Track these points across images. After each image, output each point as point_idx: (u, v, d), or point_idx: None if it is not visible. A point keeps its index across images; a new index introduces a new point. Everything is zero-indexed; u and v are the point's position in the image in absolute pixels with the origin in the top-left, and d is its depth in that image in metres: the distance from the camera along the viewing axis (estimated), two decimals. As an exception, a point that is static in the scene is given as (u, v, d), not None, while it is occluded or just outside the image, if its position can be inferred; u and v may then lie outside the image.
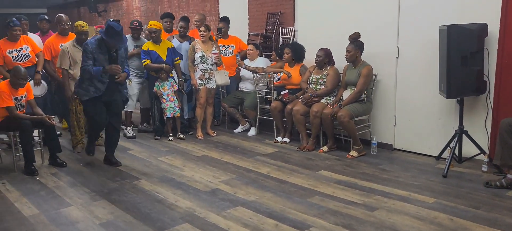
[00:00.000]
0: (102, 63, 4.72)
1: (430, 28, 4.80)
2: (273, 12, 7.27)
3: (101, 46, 4.71)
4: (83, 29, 5.46)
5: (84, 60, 4.74)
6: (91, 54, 4.68)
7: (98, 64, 4.70)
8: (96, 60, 4.71)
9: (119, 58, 4.84)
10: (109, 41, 4.64)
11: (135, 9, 11.79)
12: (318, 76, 5.55)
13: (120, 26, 4.67)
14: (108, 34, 4.61)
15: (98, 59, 4.72)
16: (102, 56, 4.73)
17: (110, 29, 4.59)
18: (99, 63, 4.70)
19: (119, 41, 4.72)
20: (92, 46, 4.68)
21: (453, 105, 4.78)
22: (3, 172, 4.90)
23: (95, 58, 4.70)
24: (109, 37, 4.62)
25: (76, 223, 3.54)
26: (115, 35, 4.61)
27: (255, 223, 3.46)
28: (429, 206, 3.70)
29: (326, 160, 5.07)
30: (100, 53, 4.71)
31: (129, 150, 5.72)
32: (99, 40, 4.72)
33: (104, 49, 4.73)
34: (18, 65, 4.95)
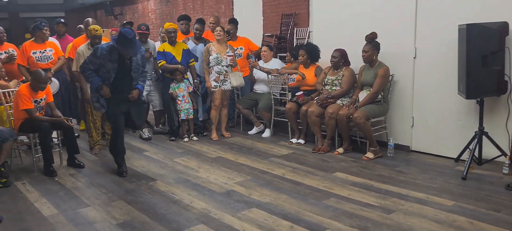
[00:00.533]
0: (110, 72, 4.48)
1: (448, 27, 4.73)
2: (288, 13, 7.26)
3: (113, 53, 4.44)
4: (96, 33, 5.51)
5: (87, 61, 4.54)
6: (97, 59, 4.45)
7: (105, 70, 4.48)
8: (103, 67, 4.47)
9: (134, 67, 4.61)
10: (121, 50, 4.39)
11: (151, 12, 11.89)
12: (333, 77, 5.51)
13: (133, 32, 4.40)
14: (119, 41, 4.35)
15: (105, 67, 4.47)
16: (110, 64, 4.46)
17: (121, 36, 4.32)
18: (105, 70, 4.47)
19: (130, 49, 4.42)
20: (102, 53, 4.43)
21: (472, 106, 4.69)
22: (23, 172, 4.99)
23: (101, 65, 4.46)
24: (120, 45, 4.35)
25: (93, 223, 3.58)
26: (126, 43, 4.33)
27: (270, 225, 3.44)
28: (447, 209, 3.64)
29: (342, 162, 5.03)
30: (109, 61, 4.45)
31: (145, 151, 5.76)
32: (111, 47, 4.46)
33: (115, 57, 4.46)
34: (38, 69, 5.03)
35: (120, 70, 4.53)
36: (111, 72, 4.50)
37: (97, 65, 4.47)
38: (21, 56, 5.74)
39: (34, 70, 4.99)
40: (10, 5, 16.21)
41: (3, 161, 4.66)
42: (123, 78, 4.61)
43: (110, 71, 4.49)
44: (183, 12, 10.25)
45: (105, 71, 4.49)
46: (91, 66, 4.48)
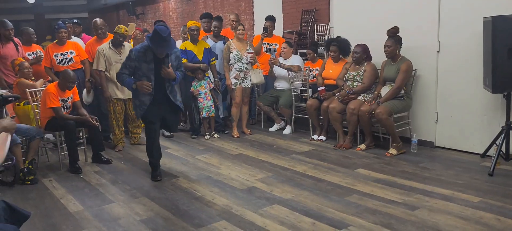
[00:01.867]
0: (146, 73, 4.31)
1: (473, 20, 4.63)
2: (308, 9, 7.21)
3: (147, 54, 4.27)
4: (120, 31, 5.61)
5: (122, 67, 4.42)
6: (132, 62, 4.31)
7: (141, 73, 4.32)
8: (138, 69, 4.32)
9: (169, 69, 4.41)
10: (155, 49, 4.20)
11: (172, 11, 11.99)
12: (354, 73, 5.46)
13: (168, 30, 4.20)
14: (154, 40, 4.15)
15: (141, 69, 4.31)
16: (145, 65, 4.29)
17: (156, 34, 4.13)
18: (142, 72, 4.31)
19: (166, 48, 4.23)
20: (136, 54, 4.28)
21: (499, 100, 4.58)
22: (49, 170, 5.11)
23: (136, 67, 4.32)
24: (155, 44, 4.16)
25: (118, 219, 3.64)
26: (162, 41, 4.14)
27: (292, 221, 3.44)
28: (474, 206, 3.56)
29: (364, 158, 4.98)
30: (144, 61, 4.28)
31: (167, 149, 5.82)
32: (145, 48, 4.29)
33: (149, 57, 4.28)
34: (67, 69, 5.15)
35: (157, 72, 4.34)
36: (149, 74, 4.31)
37: (132, 68, 4.33)
38: (46, 58, 5.88)
39: (63, 70, 5.11)
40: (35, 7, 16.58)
41: (31, 159, 4.78)
42: (159, 80, 4.41)
43: (148, 73, 4.31)
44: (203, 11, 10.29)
45: (142, 75, 4.33)
46: (125, 70, 4.36)
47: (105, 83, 5.65)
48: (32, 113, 5.25)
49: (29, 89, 5.19)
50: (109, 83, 5.66)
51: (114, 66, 5.61)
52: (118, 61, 5.63)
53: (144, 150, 5.75)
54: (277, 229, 3.32)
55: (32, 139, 4.79)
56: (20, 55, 5.84)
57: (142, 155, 5.55)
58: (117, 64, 5.63)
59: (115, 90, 5.67)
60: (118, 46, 5.69)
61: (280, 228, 3.33)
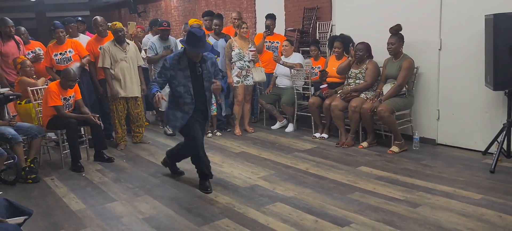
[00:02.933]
0: (182, 81, 4.07)
1: (474, 17, 4.62)
2: (310, 7, 7.21)
3: (182, 61, 4.07)
4: (116, 27, 5.63)
5: (157, 75, 4.23)
6: (168, 71, 4.06)
7: (177, 82, 4.08)
8: (174, 78, 4.08)
9: (205, 75, 4.16)
10: (191, 50, 3.99)
11: (173, 9, 11.99)
12: (357, 70, 5.46)
13: (202, 31, 4.05)
14: (189, 42, 3.97)
15: (177, 77, 4.07)
16: (181, 73, 4.06)
17: (191, 36, 3.96)
18: (177, 81, 4.08)
19: (202, 48, 4.02)
20: (170, 62, 4.07)
21: (500, 97, 4.58)
22: (51, 168, 5.12)
23: (172, 76, 4.07)
24: (190, 46, 3.97)
25: (120, 218, 3.65)
26: (197, 41, 3.96)
27: (295, 219, 3.45)
28: (475, 203, 3.57)
29: (366, 156, 4.98)
30: (179, 69, 4.06)
31: (170, 147, 5.82)
32: (179, 55, 4.10)
33: (184, 65, 4.06)
34: (68, 68, 5.15)
35: (194, 79, 4.12)
36: (185, 81, 4.08)
37: (168, 77, 4.09)
38: (46, 57, 5.87)
39: (64, 69, 5.11)
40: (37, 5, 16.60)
41: (33, 157, 4.79)
42: (196, 88, 4.16)
43: (184, 81, 4.08)
44: (205, 9, 10.30)
45: (178, 84, 4.09)
46: (160, 79, 4.12)
47: (111, 81, 5.65)
48: (33, 111, 5.26)
49: (31, 87, 5.19)
50: (114, 81, 5.66)
51: (119, 64, 5.61)
52: (123, 58, 5.63)
53: (146, 148, 5.80)
54: (279, 226, 3.33)
55: (34, 137, 4.80)
56: (22, 53, 5.84)
57: (144, 153, 5.56)
58: (122, 62, 5.64)
59: (118, 88, 5.67)
60: (122, 43, 5.69)
61: (282, 226, 3.34)
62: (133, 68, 5.75)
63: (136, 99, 5.84)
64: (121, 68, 5.64)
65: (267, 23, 6.74)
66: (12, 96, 4.90)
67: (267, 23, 6.73)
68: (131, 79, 5.72)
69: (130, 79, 5.71)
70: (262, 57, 6.65)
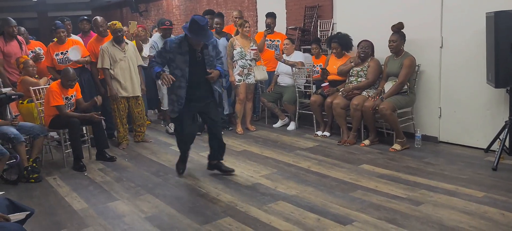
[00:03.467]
0: (180, 65, 4.12)
1: (475, 15, 4.61)
2: (311, 5, 7.21)
3: (183, 45, 4.11)
4: (116, 27, 5.63)
5: (156, 55, 4.30)
6: (167, 53, 4.13)
7: (175, 65, 4.14)
8: (172, 61, 4.14)
9: (207, 60, 4.20)
10: (193, 38, 4.01)
11: (175, 8, 11.99)
12: (359, 68, 5.45)
13: (205, 19, 4.06)
14: (192, 29, 3.98)
15: (175, 60, 4.13)
16: (181, 57, 4.11)
17: (194, 24, 3.96)
18: (175, 64, 4.13)
19: (203, 38, 4.04)
20: (171, 45, 4.12)
21: (502, 95, 4.57)
22: (54, 168, 5.13)
23: (171, 59, 4.14)
24: (192, 33, 3.98)
25: (122, 217, 3.66)
26: (199, 30, 3.96)
27: (297, 217, 3.45)
28: (478, 200, 3.56)
29: (368, 154, 4.98)
30: (178, 53, 4.10)
31: (172, 146, 5.83)
32: (180, 39, 4.14)
33: (184, 49, 4.10)
34: (68, 67, 5.15)
35: (192, 64, 4.15)
36: (183, 66, 4.12)
37: (167, 60, 4.16)
38: (47, 57, 5.87)
39: (63, 69, 5.12)
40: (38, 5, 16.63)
41: (35, 157, 4.80)
42: (197, 73, 4.19)
43: (182, 66, 4.12)
44: (206, 7, 10.30)
45: (176, 67, 4.14)
46: (158, 59, 4.21)
47: (110, 81, 5.66)
48: (35, 111, 5.27)
49: (33, 87, 5.20)
50: (113, 81, 5.67)
51: (119, 64, 5.62)
52: (122, 58, 5.64)
53: (148, 147, 5.81)
54: (282, 225, 3.33)
55: (36, 137, 4.81)
56: (24, 53, 5.85)
57: (146, 152, 5.57)
58: (121, 62, 5.64)
59: (119, 88, 5.68)
60: (121, 43, 5.69)
61: (284, 224, 3.34)
62: (133, 68, 5.75)
63: (137, 99, 5.84)
64: (120, 68, 5.64)
65: (268, 21, 6.74)
66: (15, 96, 4.91)
67: (268, 22, 6.73)
68: (131, 79, 5.72)
69: (130, 79, 5.71)
70: (264, 55, 6.66)
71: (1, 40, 5.78)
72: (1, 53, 5.73)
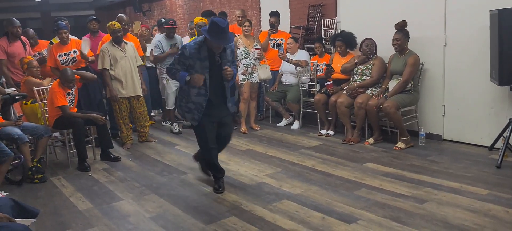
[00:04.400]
0: (200, 71, 3.84)
1: (479, 13, 4.60)
2: (315, 4, 7.19)
3: (201, 50, 3.83)
4: (115, 27, 5.63)
5: (174, 62, 3.95)
6: (186, 60, 3.85)
7: (194, 72, 3.85)
8: (191, 68, 3.86)
9: (225, 64, 3.95)
10: (214, 41, 3.74)
11: (178, 7, 11.99)
12: (363, 66, 5.45)
13: (226, 21, 3.77)
14: (212, 32, 3.70)
15: (195, 67, 3.85)
16: (199, 63, 3.84)
17: (214, 26, 3.69)
18: (195, 71, 3.84)
19: (224, 40, 3.79)
20: (190, 51, 3.83)
21: (506, 93, 4.56)
22: (58, 168, 5.15)
23: (190, 65, 3.86)
24: (213, 37, 3.71)
25: (127, 217, 3.67)
26: (220, 33, 3.71)
27: (301, 216, 3.45)
28: (482, 198, 3.56)
29: (372, 152, 4.98)
30: (198, 59, 3.83)
31: (176, 145, 5.85)
32: (199, 43, 3.85)
33: (204, 54, 3.83)
34: (66, 68, 5.13)
35: (212, 70, 3.90)
36: (201, 71, 3.85)
37: (186, 66, 3.88)
38: (50, 58, 5.86)
39: (62, 70, 5.12)
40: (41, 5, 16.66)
41: (39, 157, 4.82)
42: (215, 79, 3.95)
43: (202, 72, 3.85)
44: (210, 7, 10.29)
45: (195, 73, 3.85)
46: (178, 66, 3.92)
47: (110, 82, 5.65)
48: (39, 111, 5.28)
49: (37, 87, 5.22)
50: (113, 81, 5.67)
51: (119, 64, 5.62)
52: (123, 58, 5.64)
53: (153, 147, 5.81)
54: (286, 224, 3.34)
55: (40, 137, 4.82)
56: (28, 54, 5.87)
57: (150, 152, 5.58)
58: (122, 62, 5.64)
59: (119, 88, 5.67)
60: (120, 43, 5.68)
61: (289, 223, 3.34)
62: (134, 68, 5.74)
63: (138, 99, 5.84)
64: (121, 67, 5.63)
65: (271, 20, 6.74)
66: (18, 96, 4.93)
67: (271, 21, 6.73)
68: (132, 79, 5.71)
69: (131, 79, 5.70)
70: (267, 55, 6.65)
71: (5, 40, 5.80)
72: (5, 53, 5.75)
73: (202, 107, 3.93)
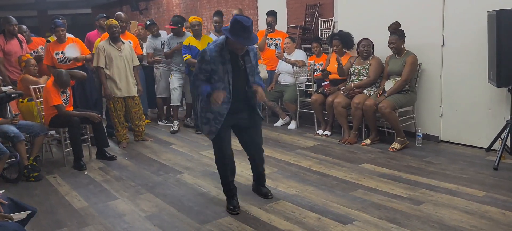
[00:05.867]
0: (222, 76, 3.42)
1: (477, 14, 4.60)
2: (312, 3, 7.19)
3: (223, 53, 3.42)
4: (111, 22, 5.60)
5: (197, 72, 3.50)
6: (208, 65, 3.41)
7: (217, 77, 3.43)
8: (215, 73, 3.43)
9: (249, 69, 3.54)
10: (238, 41, 3.34)
11: (175, 6, 11.97)
12: (360, 66, 5.44)
13: (250, 19, 3.38)
14: (235, 32, 3.32)
15: (217, 72, 3.42)
16: (222, 68, 3.42)
17: (237, 24, 3.31)
18: (218, 76, 3.43)
19: (249, 40, 3.38)
20: (211, 54, 3.40)
21: (503, 94, 4.56)
22: (54, 166, 5.12)
23: (213, 70, 3.42)
24: (236, 36, 3.32)
25: (123, 216, 3.65)
26: (244, 32, 3.31)
27: (297, 217, 3.44)
28: (479, 200, 3.55)
29: (369, 153, 4.97)
30: (220, 62, 3.41)
31: (172, 145, 5.83)
32: (220, 46, 3.44)
33: (226, 57, 3.42)
34: (59, 69, 5.09)
35: (235, 74, 3.49)
36: (226, 77, 3.44)
37: (208, 72, 3.44)
38: (47, 56, 5.83)
39: (55, 70, 5.09)
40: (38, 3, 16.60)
41: (35, 155, 4.80)
42: (239, 84, 3.53)
43: (224, 76, 3.44)
44: (207, 6, 10.29)
45: (217, 79, 3.44)
46: (201, 75, 3.48)
47: (105, 81, 5.61)
48: (35, 110, 5.26)
49: (33, 85, 5.19)
50: (108, 80, 5.63)
51: (114, 64, 5.57)
52: (118, 57, 5.59)
53: (149, 146, 5.79)
54: (282, 224, 3.33)
55: (36, 135, 4.80)
56: (25, 52, 5.84)
57: (146, 151, 5.56)
58: (117, 61, 5.60)
59: (114, 88, 5.63)
60: (117, 41, 5.64)
61: (285, 224, 3.33)
62: (129, 68, 5.69)
63: (133, 99, 5.80)
64: (116, 67, 5.59)
65: (269, 20, 6.73)
66: (15, 94, 4.89)
67: (269, 20, 6.72)
68: (126, 79, 5.66)
69: (125, 79, 5.66)
70: (264, 54, 6.64)
71: (1, 38, 5.77)
72: (1, 51, 5.72)
73: (222, 117, 3.49)
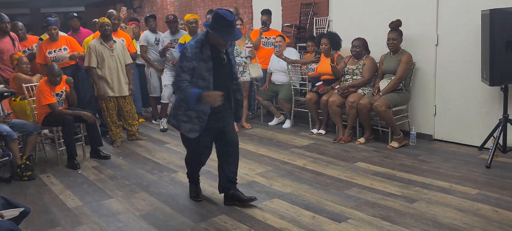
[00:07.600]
0: (203, 74, 3.29)
1: (471, 13, 4.63)
2: (307, 2, 7.19)
3: (204, 49, 3.28)
4: (103, 21, 5.56)
5: (179, 72, 3.34)
6: (190, 62, 3.26)
7: (197, 75, 3.30)
8: (195, 70, 3.29)
9: (233, 61, 3.50)
10: (221, 37, 3.21)
11: (169, 4, 11.93)
12: (354, 66, 5.46)
13: (233, 13, 3.23)
14: (218, 27, 3.17)
15: (199, 69, 3.29)
16: (203, 65, 3.28)
17: (219, 19, 3.15)
18: (198, 74, 3.29)
19: (232, 36, 3.24)
20: (192, 50, 3.26)
21: (496, 93, 4.59)
22: (47, 165, 5.09)
23: (194, 68, 3.28)
24: (220, 32, 3.18)
25: (117, 215, 3.64)
26: (228, 27, 3.17)
27: (292, 215, 3.45)
28: (472, 198, 3.58)
29: (363, 152, 4.99)
30: (201, 60, 3.28)
31: (166, 144, 5.82)
32: (200, 42, 3.30)
33: (207, 54, 3.29)
34: (53, 64, 5.07)
35: (217, 71, 3.35)
36: (207, 74, 3.31)
37: (191, 71, 3.29)
38: (39, 54, 5.78)
39: (48, 65, 5.07)
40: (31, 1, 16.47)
41: (28, 154, 4.77)
42: (221, 81, 3.41)
43: (205, 74, 3.31)
44: (201, 4, 10.26)
45: (198, 77, 3.31)
46: (185, 75, 3.29)
47: (97, 80, 5.57)
48: (28, 108, 5.22)
49: (26, 84, 5.15)
50: (100, 80, 5.58)
51: (105, 63, 5.52)
52: (110, 57, 5.55)
53: (142, 145, 5.77)
54: (277, 223, 3.33)
55: (29, 134, 4.77)
56: (17, 50, 5.80)
57: (140, 150, 5.54)
58: (108, 60, 5.56)
59: (106, 88, 5.60)
60: (109, 41, 5.59)
61: (280, 222, 3.34)
62: (121, 68, 5.64)
63: (125, 98, 5.76)
64: (108, 67, 5.53)
65: (263, 19, 6.73)
66: (7, 93, 4.86)
67: (263, 19, 6.72)
68: (118, 79, 5.62)
69: (117, 79, 5.61)
70: (259, 53, 6.64)
71: (-7, 36, 5.73)
72: (-7, 49, 5.68)
73: (205, 115, 3.37)
